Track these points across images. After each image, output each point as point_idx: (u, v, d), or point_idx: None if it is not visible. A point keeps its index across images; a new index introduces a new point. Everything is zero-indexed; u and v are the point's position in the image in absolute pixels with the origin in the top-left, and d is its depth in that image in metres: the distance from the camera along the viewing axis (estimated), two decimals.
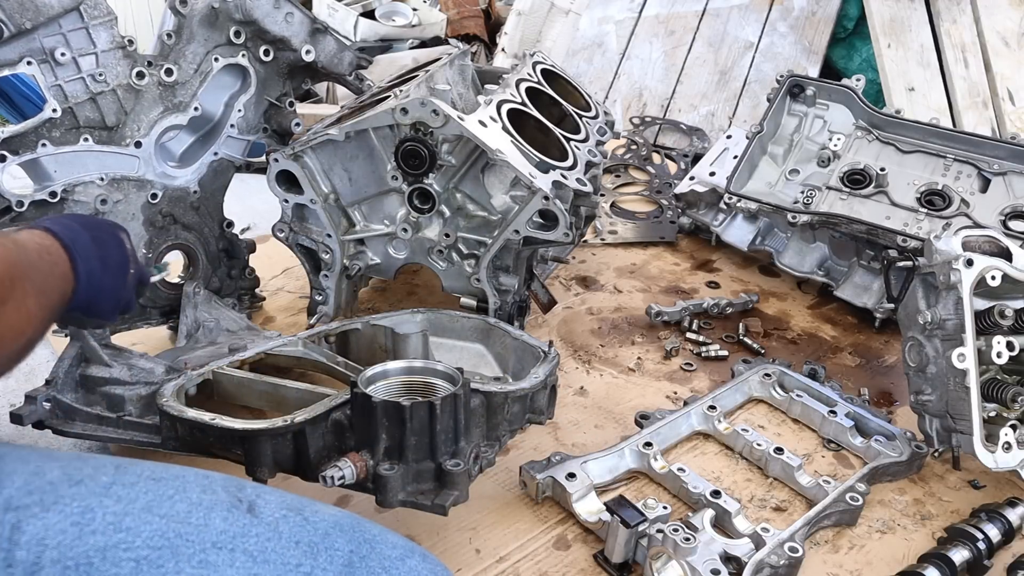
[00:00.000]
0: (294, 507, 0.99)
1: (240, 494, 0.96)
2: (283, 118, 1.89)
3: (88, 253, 1.11)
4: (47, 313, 1.00)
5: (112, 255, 1.19)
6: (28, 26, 1.46)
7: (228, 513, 0.92)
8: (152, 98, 1.69)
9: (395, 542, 1.02)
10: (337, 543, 0.96)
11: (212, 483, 0.97)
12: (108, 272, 1.16)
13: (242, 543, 0.90)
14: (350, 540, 0.97)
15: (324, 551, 0.94)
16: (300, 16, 1.77)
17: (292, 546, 0.92)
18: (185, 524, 0.88)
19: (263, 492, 0.99)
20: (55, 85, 1.55)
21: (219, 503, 0.93)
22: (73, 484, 0.87)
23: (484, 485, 1.55)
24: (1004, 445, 1.53)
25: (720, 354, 2.05)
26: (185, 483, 0.94)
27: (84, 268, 1.09)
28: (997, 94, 3.39)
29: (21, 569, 0.79)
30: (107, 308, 1.19)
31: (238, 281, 2.03)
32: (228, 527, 0.91)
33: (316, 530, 0.96)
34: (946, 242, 1.60)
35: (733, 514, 1.44)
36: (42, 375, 1.48)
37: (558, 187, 1.71)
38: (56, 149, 1.57)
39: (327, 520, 0.99)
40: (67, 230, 1.09)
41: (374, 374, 1.30)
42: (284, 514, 0.96)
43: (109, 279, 1.16)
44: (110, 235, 1.22)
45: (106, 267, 1.16)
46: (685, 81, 3.80)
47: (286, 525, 0.95)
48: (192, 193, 1.82)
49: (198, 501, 0.92)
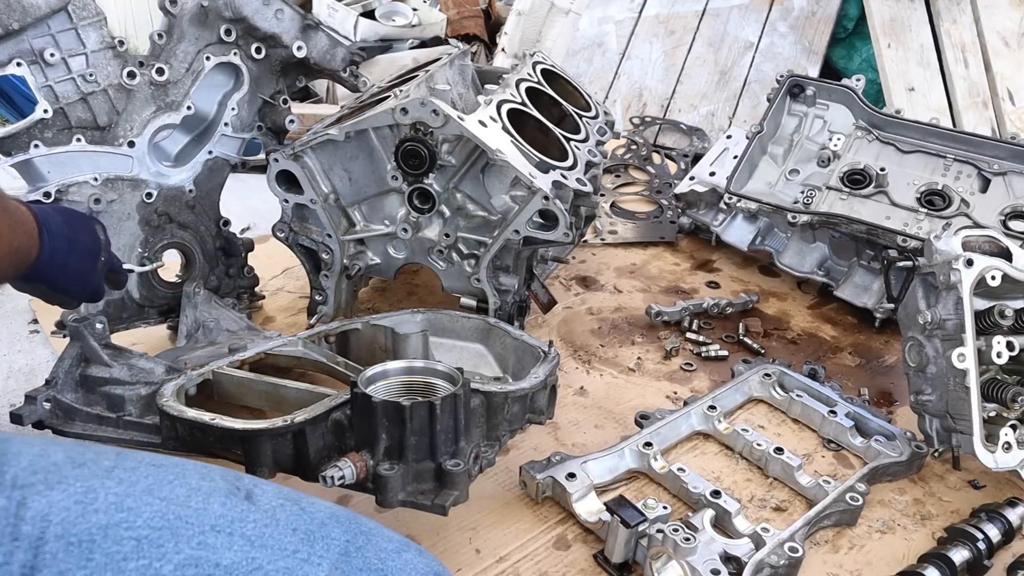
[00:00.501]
0: (291, 498, 1.00)
1: (238, 483, 0.98)
2: (277, 116, 1.89)
3: (57, 231, 1.21)
4: (7, 252, 1.10)
5: (82, 239, 1.29)
6: (16, 27, 1.46)
7: (226, 499, 0.94)
8: (144, 98, 1.69)
9: (391, 536, 1.04)
10: (334, 532, 0.97)
11: (210, 472, 0.98)
12: (75, 253, 1.26)
13: (240, 527, 0.91)
14: (346, 531, 0.99)
15: (320, 539, 0.95)
16: (290, 12, 1.77)
17: (289, 532, 0.94)
18: (184, 507, 0.90)
19: (260, 483, 1.01)
20: (45, 86, 1.55)
21: (217, 489, 0.95)
22: (76, 466, 0.89)
23: (484, 485, 1.55)
24: (1004, 445, 1.53)
25: (720, 354, 2.05)
26: (184, 470, 0.96)
27: (49, 241, 1.18)
28: (997, 94, 3.39)
29: (26, 543, 0.81)
30: (72, 288, 1.28)
31: (236, 279, 2.03)
32: (226, 512, 0.92)
33: (313, 519, 0.98)
34: (946, 242, 1.60)
35: (733, 514, 1.44)
36: (42, 375, 1.48)
37: (558, 187, 1.71)
38: (49, 150, 1.58)
39: (323, 511, 1.01)
40: (40, 209, 1.20)
41: (374, 374, 1.30)
42: (281, 503, 0.98)
43: (76, 260, 1.26)
44: (82, 222, 1.31)
45: (73, 248, 1.25)
46: (685, 81, 3.80)
47: (283, 513, 0.96)
48: (187, 192, 1.83)
49: (197, 486, 0.94)
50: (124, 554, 0.83)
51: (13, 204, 1.13)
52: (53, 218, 1.22)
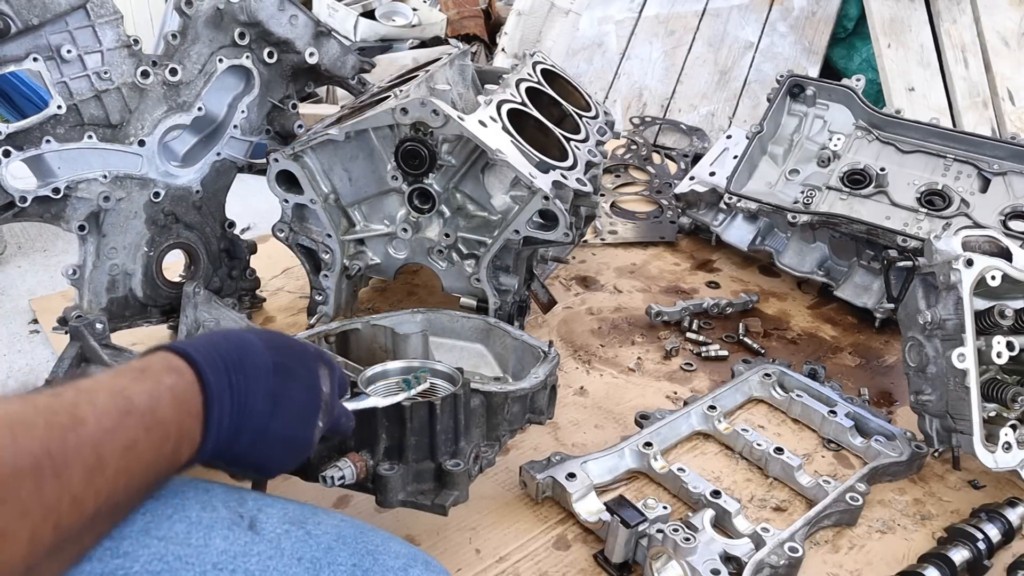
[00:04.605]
0: (296, 520, 0.97)
1: (241, 509, 0.94)
2: (286, 120, 1.90)
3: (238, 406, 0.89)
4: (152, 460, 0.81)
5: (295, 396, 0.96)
6: (35, 22, 1.48)
7: (229, 531, 0.90)
8: (156, 97, 1.70)
9: (398, 551, 1.01)
10: (340, 557, 0.95)
11: (212, 498, 0.94)
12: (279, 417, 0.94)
13: (243, 563, 0.88)
14: (353, 553, 0.96)
15: (327, 567, 0.93)
16: (304, 19, 1.78)
17: (294, 563, 0.91)
18: (184, 546, 0.86)
19: (264, 506, 0.98)
20: (60, 82, 1.56)
21: (219, 521, 0.91)
22: None
23: (484, 485, 1.55)
24: (1004, 445, 1.53)
25: (720, 354, 2.05)
26: (184, 501, 0.92)
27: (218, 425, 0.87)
28: (997, 94, 3.39)
29: None
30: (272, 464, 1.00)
31: (239, 282, 2.03)
32: (229, 546, 0.89)
33: (319, 544, 0.95)
34: (946, 242, 1.60)
35: (733, 514, 1.44)
36: (42, 375, 1.48)
37: (558, 187, 1.71)
38: (60, 146, 1.58)
39: (330, 533, 0.98)
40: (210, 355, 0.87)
41: (374, 374, 1.30)
42: (286, 529, 0.95)
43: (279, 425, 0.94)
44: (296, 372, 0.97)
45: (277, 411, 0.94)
46: (685, 81, 3.80)
47: (288, 541, 0.93)
48: (194, 193, 1.83)
49: (197, 520, 0.90)
50: None
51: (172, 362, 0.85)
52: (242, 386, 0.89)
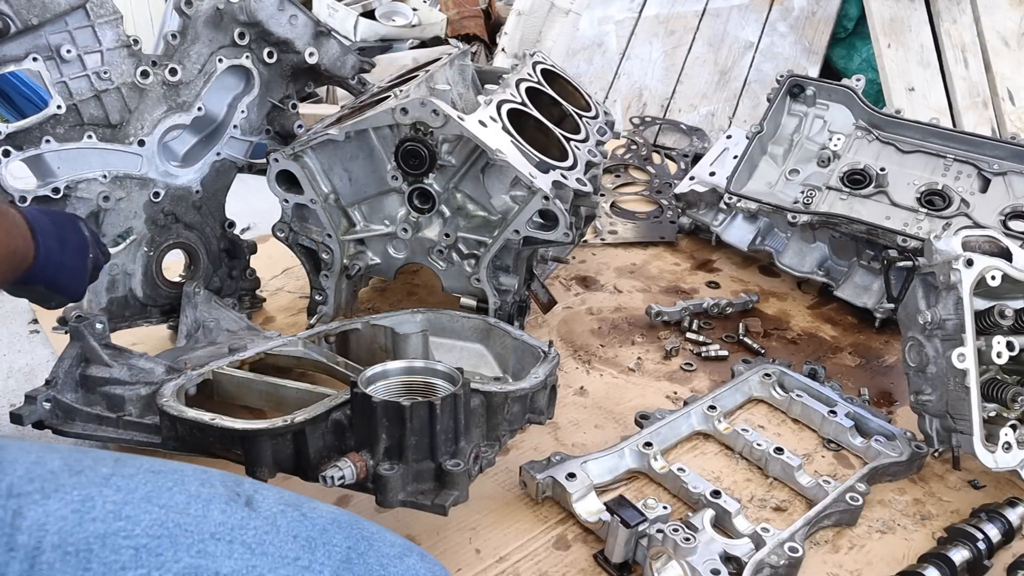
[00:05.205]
0: (292, 503, 0.99)
1: (238, 488, 0.97)
2: (285, 120, 1.90)
3: (48, 231, 1.25)
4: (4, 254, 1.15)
5: (71, 237, 1.33)
6: (35, 22, 1.48)
7: (226, 506, 0.93)
8: (156, 97, 1.70)
9: (393, 540, 1.03)
10: (335, 539, 0.96)
11: (210, 477, 0.97)
12: (68, 251, 1.31)
13: (240, 535, 0.90)
14: (348, 536, 0.98)
15: (322, 546, 0.94)
16: (304, 19, 1.78)
17: (290, 540, 0.93)
18: (184, 515, 0.89)
19: (261, 488, 1.00)
20: (60, 82, 1.56)
21: (217, 496, 0.94)
22: (74, 474, 0.88)
23: (484, 485, 1.55)
24: (1004, 445, 1.53)
25: (720, 354, 2.05)
26: (183, 476, 0.95)
27: (44, 242, 1.23)
28: (997, 94, 3.40)
29: (22, 553, 0.80)
30: (69, 286, 1.33)
31: (239, 282, 2.03)
32: (226, 519, 0.91)
33: (314, 525, 0.97)
34: (946, 242, 1.60)
35: (733, 514, 1.44)
36: (42, 375, 1.48)
37: (558, 187, 1.71)
38: (60, 145, 1.59)
39: (325, 516, 1.00)
40: (27, 210, 1.25)
41: (374, 374, 1.30)
42: (282, 509, 0.97)
43: (69, 258, 1.31)
44: (69, 220, 1.36)
45: (65, 247, 1.30)
46: (685, 81, 3.80)
47: (284, 519, 0.95)
48: (194, 193, 1.83)
49: (196, 493, 0.93)
50: (122, 563, 0.82)
51: (3, 208, 1.14)
52: (41, 219, 1.25)
